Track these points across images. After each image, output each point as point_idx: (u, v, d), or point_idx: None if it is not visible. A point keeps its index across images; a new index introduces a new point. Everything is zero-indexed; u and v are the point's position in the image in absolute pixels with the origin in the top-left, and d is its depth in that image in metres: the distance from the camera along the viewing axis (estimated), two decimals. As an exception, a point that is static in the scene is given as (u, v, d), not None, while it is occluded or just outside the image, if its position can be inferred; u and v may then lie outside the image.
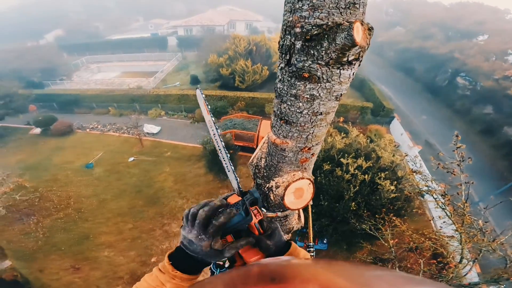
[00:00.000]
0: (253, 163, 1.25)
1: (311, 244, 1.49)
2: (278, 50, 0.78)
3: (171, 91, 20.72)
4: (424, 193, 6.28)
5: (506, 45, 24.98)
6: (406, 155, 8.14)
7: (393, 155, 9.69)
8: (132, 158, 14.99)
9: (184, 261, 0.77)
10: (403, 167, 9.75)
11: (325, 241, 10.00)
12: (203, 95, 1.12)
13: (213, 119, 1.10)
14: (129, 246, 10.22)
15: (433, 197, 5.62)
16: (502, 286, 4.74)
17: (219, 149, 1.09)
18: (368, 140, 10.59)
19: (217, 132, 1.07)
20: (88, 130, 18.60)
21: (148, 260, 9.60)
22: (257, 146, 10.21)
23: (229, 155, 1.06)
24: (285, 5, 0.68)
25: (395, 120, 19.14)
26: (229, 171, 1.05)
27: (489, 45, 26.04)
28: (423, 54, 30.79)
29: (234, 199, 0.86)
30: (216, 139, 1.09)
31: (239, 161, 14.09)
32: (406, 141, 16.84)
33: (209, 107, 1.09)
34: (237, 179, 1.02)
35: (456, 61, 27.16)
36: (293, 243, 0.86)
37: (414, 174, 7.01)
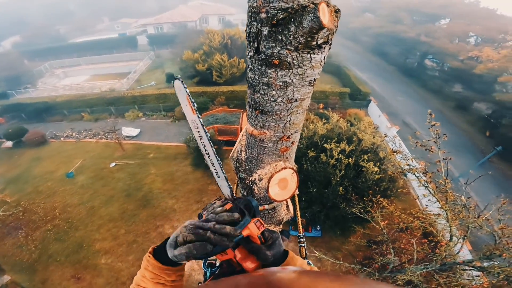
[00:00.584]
0: (233, 157, 1.23)
1: (301, 235, 1.50)
2: (246, 38, 0.76)
3: (147, 91, 20.08)
4: (406, 172, 6.46)
5: (467, 27, 26.42)
6: (386, 136, 8.42)
7: (373, 137, 9.97)
8: (113, 164, 14.54)
9: (163, 251, 0.79)
10: (384, 148, 10.06)
11: (318, 228, 10.19)
12: (187, 89, 0.85)
13: (201, 120, 0.88)
14: (126, 251, 10.15)
15: (415, 175, 5.79)
16: (496, 263, 4.78)
17: (207, 154, 0.93)
18: (349, 124, 10.84)
19: (206, 134, 0.89)
20: (62, 138, 17.70)
21: (148, 263, 9.73)
22: None
23: (221, 162, 0.93)
24: (248, -10, 0.66)
25: (372, 103, 19.73)
26: (219, 177, 0.96)
27: (451, 28, 27.46)
28: (394, 38, 31.83)
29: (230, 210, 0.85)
30: (203, 142, 0.91)
31: (224, 156, 14.03)
32: (384, 122, 17.43)
33: (195, 105, 0.85)
34: (230, 187, 0.95)
35: (424, 44, 28.41)
36: (290, 252, 0.86)
37: (395, 154, 7.24)
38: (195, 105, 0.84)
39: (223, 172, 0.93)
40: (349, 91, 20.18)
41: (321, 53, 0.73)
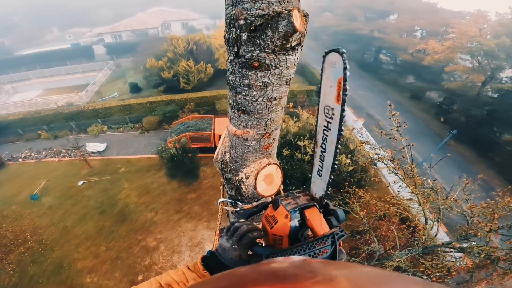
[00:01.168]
0: (218, 159, 1.26)
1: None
2: (225, 43, 0.80)
3: (110, 103, 19.00)
4: (376, 161, 6.84)
5: (412, 22, 28.30)
6: (354, 129, 8.92)
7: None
8: (82, 182, 13.72)
9: (215, 265, 0.84)
10: (353, 140, 10.60)
11: (303, 225, 10.38)
12: (347, 70, 0.64)
13: (344, 112, 0.68)
14: (111, 268, 9.82)
15: (384, 163, 6.16)
16: (473, 243, 4.88)
17: (323, 149, 0.79)
18: (318, 121, 11.27)
19: (339, 130, 0.72)
20: (21, 160, 16.16)
21: (135, 278, 9.47)
22: (215, 145, 10.21)
23: (336, 165, 0.78)
24: (225, -1, 0.70)
25: (338, 99, 20.68)
26: (320, 176, 0.84)
27: (399, 23, 29.22)
28: (351, 35, 33.75)
29: (314, 215, 0.73)
30: (328, 136, 0.76)
31: (200, 164, 13.83)
32: (350, 116, 18.39)
33: (346, 93, 0.66)
34: (327, 190, 0.82)
35: (377, 39, 30.26)
36: None
37: (364, 144, 7.66)
38: (347, 94, 0.66)
39: (331, 174, 0.80)
40: (316, 88, 20.99)
41: (295, 54, 0.80)
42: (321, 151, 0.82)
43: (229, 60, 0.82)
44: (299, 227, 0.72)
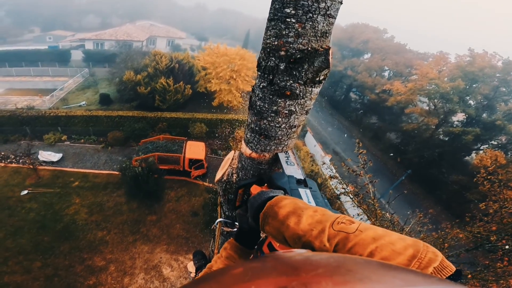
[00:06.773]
0: (223, 180, 1.24)
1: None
2: (258, 71, 0.85)
3: (75, 112, 17.74)
4: (341, 195, 7.20)
5: (382, 62, 29.35)
6: (324, 164, 9.33)
7: (312, 165, 10.89)
8: (25, 191, 12.35)
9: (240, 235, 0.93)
10: (321, 175, 11.02)
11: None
12: None
13: None
14: (44, 285, 8.99)
15: (350, 197, 6.52)
16: None
17: None
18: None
19: None
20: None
21: (75, 297, 8.77)
22: (184, 168, 10.16)
23: None
24: (268, 30, 0.76)
25: (308, 134, 21.66)
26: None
27: (371, 63, 30.03)
28: (326, 71, 36.14)
29: None
30: None
31: (165, 185, 13.19)
32: (319, 151, 19.19)
33: None
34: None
35: (349, 77, 31.84)
36: None
37: (332, 179, 8.08)
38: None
39: None
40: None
41: (319, 87, 0.87)
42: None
43: (260, 87, 0.86)
44: None
